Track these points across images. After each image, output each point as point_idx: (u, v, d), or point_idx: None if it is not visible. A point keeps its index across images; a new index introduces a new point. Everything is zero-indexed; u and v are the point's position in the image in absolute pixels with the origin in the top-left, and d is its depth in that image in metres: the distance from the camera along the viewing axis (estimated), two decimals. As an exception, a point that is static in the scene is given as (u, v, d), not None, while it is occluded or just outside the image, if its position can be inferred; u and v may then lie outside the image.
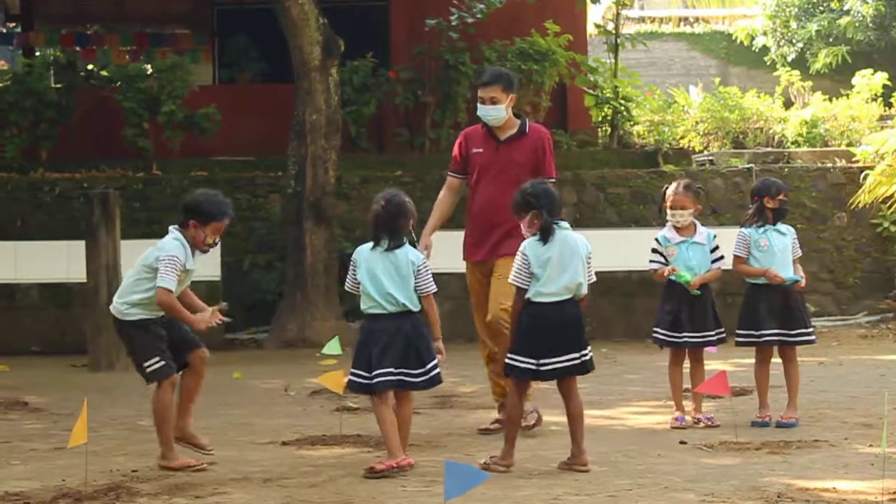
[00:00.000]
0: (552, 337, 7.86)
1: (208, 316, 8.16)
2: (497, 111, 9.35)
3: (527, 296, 7.88)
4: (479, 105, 9.42)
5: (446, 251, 10.90)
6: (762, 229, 9.75)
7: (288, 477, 7.84)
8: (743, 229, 9.83)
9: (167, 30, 23.93)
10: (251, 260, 17.72)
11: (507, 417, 8.09)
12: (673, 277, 9.58)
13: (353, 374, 7.90)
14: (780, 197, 9.80)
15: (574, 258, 7.92)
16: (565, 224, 8.05)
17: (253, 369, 13.89)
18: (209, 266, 16.13)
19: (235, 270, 17.48)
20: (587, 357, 7.97)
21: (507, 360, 7.97)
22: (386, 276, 7.89)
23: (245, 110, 19.37)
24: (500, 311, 8.99)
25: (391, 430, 7.83)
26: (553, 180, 9.01)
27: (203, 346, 8.31)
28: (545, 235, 7.90)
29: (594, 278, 8.09)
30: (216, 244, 8.30)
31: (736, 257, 9.79)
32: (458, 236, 17.12)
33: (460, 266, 10.07)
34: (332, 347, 9.27)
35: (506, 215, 8.67)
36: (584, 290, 7.98)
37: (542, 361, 7.85)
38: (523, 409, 8.34)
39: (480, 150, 9.47)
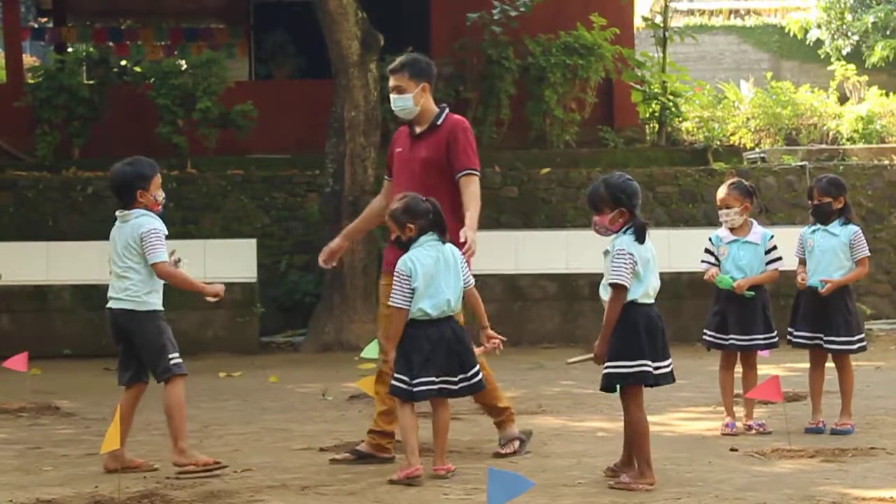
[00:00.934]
0: (661, 340, 7.71)
1: (220, 288, 8.43)
2: (403, 101, 8.70)
3: (633, 297, 7.63)
4: (391, 96, 8.81)
5: (490, 253, 10.88)
6: (813, 229, 9.74)
7: (326, 484, 7.85)
8: (802, 229, 9.89)
9: (202, 24, 24.05)
10: (288, 261, 17.78)
11: (634, 431, 7.76)
12: (715, 282, 9.56)
13: (395, 378, 7.92)
14: (813, 201, 9.73)
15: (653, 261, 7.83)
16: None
17: (289, 373, 13.93)
18: (245, 268, 16.20)
19: (272, 272, 17.53)
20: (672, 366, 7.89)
21: (613, 371, 7.67)
22: (445, 278, 7.92)
23: (282, 107, 19.42)
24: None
25: (409, 437, 7.86)
26: (474, 172, 8.59)
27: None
28: (641, 235, 7.67)
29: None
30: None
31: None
32: (505, 237, 17.21)
33: (504, 268, 10.04)
34: (371, 351, 9.27)
35: None
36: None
37: (657, 365, 7.67)
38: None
39: (400, 149, 8.87)
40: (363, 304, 16.35)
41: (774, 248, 9.75)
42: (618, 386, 7.73)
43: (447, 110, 8.87)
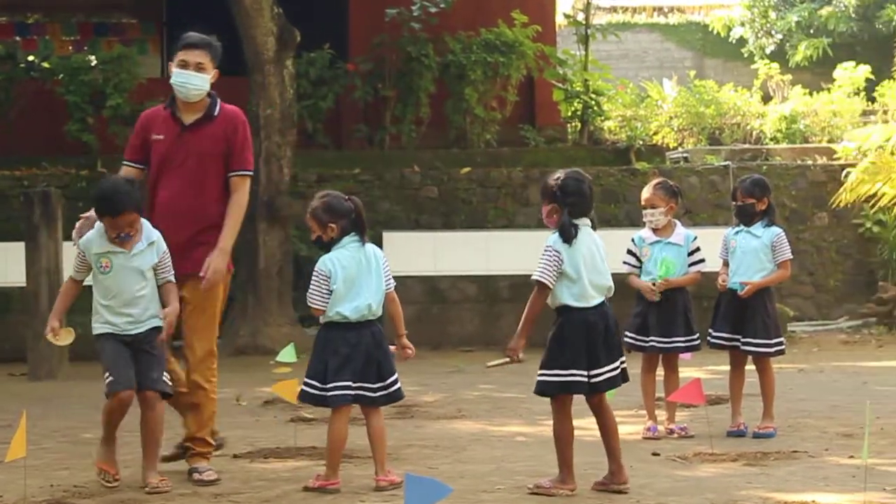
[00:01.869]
0: (602, 345, 7.62)
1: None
2: (201, 80, 8.29)
3: (566, 302, 7.64)
4: (177, 71, 8.27)
5: (409, 254, 10.89)
6: (736, 230, 9.82)
7: (240, 492, 7.81)
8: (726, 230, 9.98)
9: (113, 19, 23.86)
10: (201, 262, 17.65)
11: (557, 437, 7.69)
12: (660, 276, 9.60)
13: (305, 383, 7.87)
14: (736, 201, 9.83)
15: (599, 258, 7.75)
16: (588, 222, 7.78)
17: (203, 378, 13.82)
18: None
19: (185, 273, 17.41)
20: (626, 365, 7.85)
21: (544, 378, 7.65)
22: (366, 281, 7.86)
23: (195, 104, 19.26)
24: (203, 370, 8.17)
25: (335, 448, 7.81)
26: (249, 173, 8.46)
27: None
28: (564, 235, 7.67)
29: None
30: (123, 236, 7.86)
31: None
32: (425, 237, 17.23)
33: (423, 269, 10.04)
34: (287, 355, 9.24)
35: (193, 216, 8.14)
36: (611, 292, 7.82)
37: (596, 372, 7.62)
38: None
39: (161, 136, 8.28)
40: (278, 306, 16.31)
41: (698, 249, 9.82)
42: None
43: (219, 100, 8.49)
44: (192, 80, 8.29)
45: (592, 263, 7.66)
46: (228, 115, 8.43)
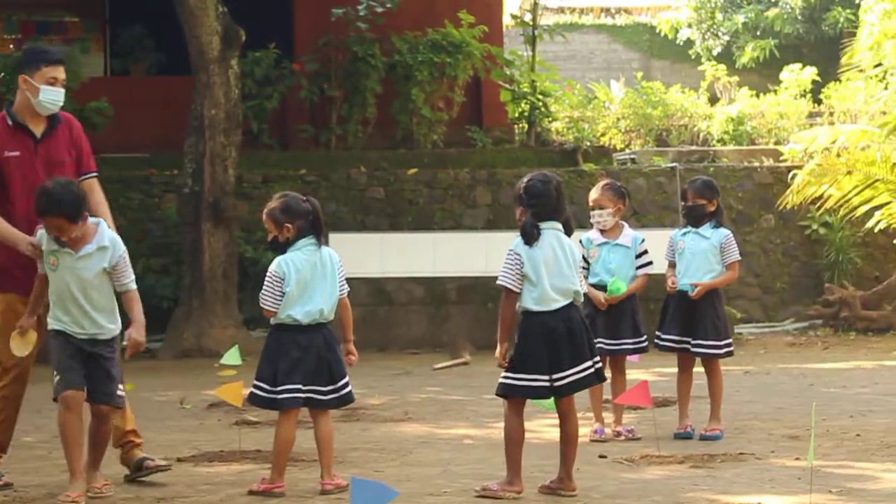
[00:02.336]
0: (567, 348, 7.60)
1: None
2: (61, 95, 8.16)
3: (526, 306, 7.59)
4: (47, 88, 8.06)
5: (355, 256, 10.88)
6: (684, 232, 9.86)
7: (184, 496, 7.78)
8: (672, 231, 9.98)
9: (55, 17, 23.66)
10: (145, 264, 17.57)
11: (506, 438, 7.68)
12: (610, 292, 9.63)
13: (255, 385, 7.85)
14: (687, 202, 9.88)
15: (565, 262, 7.72)
16: (557, 225, 7.73)
17: (146, 381, 13.76)
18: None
19: (128, 275, 17.32)
20: (600, 364, 7.87)
21: (505, 381, 7.60)
22: (319, 284, 7.84)
23: (139, 104, 19.22)
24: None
25: (282, 451, 7.79)
26: (96, 174, 8.38)
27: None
28: (525, 237, 7.61)
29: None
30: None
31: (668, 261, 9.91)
32: (370, 239, 17.22)
33: (370, 271, 10.03)
34: (232, 357, 9.21)
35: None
36: (581, 297, 7.80)
37: (560, 375, 7.59)
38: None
39: (17, 153, 8.10)
40: (223, 308, 16.25)
41: (645, 251, 9.86)
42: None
43: None
44: (61, 96, 8.21)
45: (556, 267, 7.63)
46: (67, 120, 8.35)
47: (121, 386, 7.91)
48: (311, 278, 7.81)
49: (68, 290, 7.73)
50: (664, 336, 9.79)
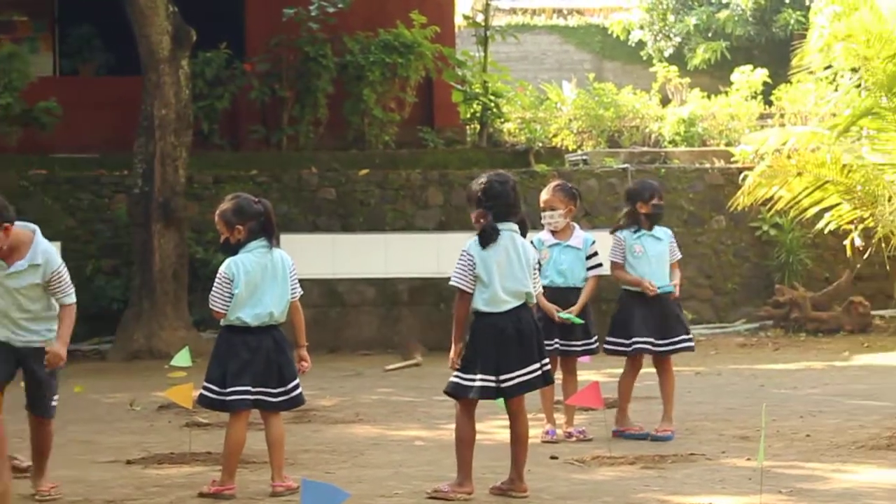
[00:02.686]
0: (515, 349, 7.62)
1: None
2: None
3: (476, 307, 7.60)
4: None
5: (306, 257, 10.85)
6: (637, 234, 9.87)
7: (133, 498, 7.76)
8: (618, 233, 9.91)
9: (3, 16, 23.47)
10: (94, 265, 17.50)
11: (457, 438, 7.71)
12: (563, 316, 9.64)
13: (204, 387, 7.83)
14: (654, 201, 9.92)
15: (518, 264, 7.72)
16: (513, 226, 7.73)
17: (96, 383, 13.72)
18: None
19: (77, 276, 17.13)
20: (548, 367, 7.88)
21: (455, 380, 7.62)
22: (269, 286, 7.82)
23: (88, 104, 19.11)
24: None
25: (232, 453, 7.78)
26: None
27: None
28: (483, 239, 7.61)
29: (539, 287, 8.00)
30: None
31: (613, 263, 9.88)
32: (321, 240, 17.18)
33: (321, 272, 10.02)
34: (182, 359, 9.19)
35: None
36: (533, 299, 7.82)
37: (509, 376, 7.61)
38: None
39: None
40: (173, 310, 16.19)
41: (596, 253, 9.89)
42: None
43: None
44: None
45: (508, 268, 7.64)
46: None
47: (55, 397, 7.87)
48: (262, 280, 7.80)
49: (2, 301, 7.67)
50: (640, 339, 9.78)
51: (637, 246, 9.86)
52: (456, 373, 7.65)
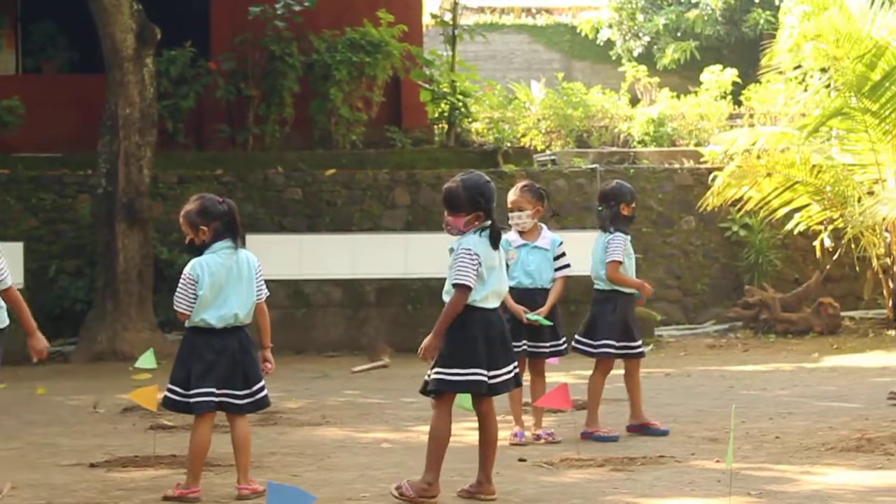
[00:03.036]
0: (499, 346, 7.64)
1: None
2: None
3: (473, 299, 7.54)
4: None
5: (272, 257, 10.83)
6: (628, 236, 10.01)
7: (96, 502, 7.73)
8: (618, 233, 9.91)
9: (-36, 14, 23.40)
10: (58, 266, 17.43)
11: (433, 437, 7.64)
12: (531, 317, 9.65)
13: (168, 389, 7.81)
14: (634, 204, 10.02)
15: (501, 265, 7.77)
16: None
17: (58, 385, 13.67)
18: (10, 273, 15.83)
19: (40, 277, 17.18)
20: (518, 369, 7.87)
21: (446, 377, 7.54)
22: (234, 288, 7.80)
23: (51, 103, 19.03)
24: None
25: (197, 455, 7.76)
26: None
27: None
28: (496, 240, 7.63)
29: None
30: None
31: (615, 262, 9.84)
32: (289, 240, 17.15)
33: (287, 273, 10.01)
34: (146, 361, 9.16)
35: None
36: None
37: (494, 373, 7.61)
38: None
39: None
40: (138, 311, 16.14)
41: (563, 254, 9.90)
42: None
43: None
44: None
45: (499, 269, 7.70)
46: None
47: None
48: (227, 282, 7.79)
49: None
50: (619, 344, 9.86)
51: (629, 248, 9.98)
52: (439, 368, 7.60)
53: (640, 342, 10.03)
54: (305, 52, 19.00)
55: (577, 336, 9.96)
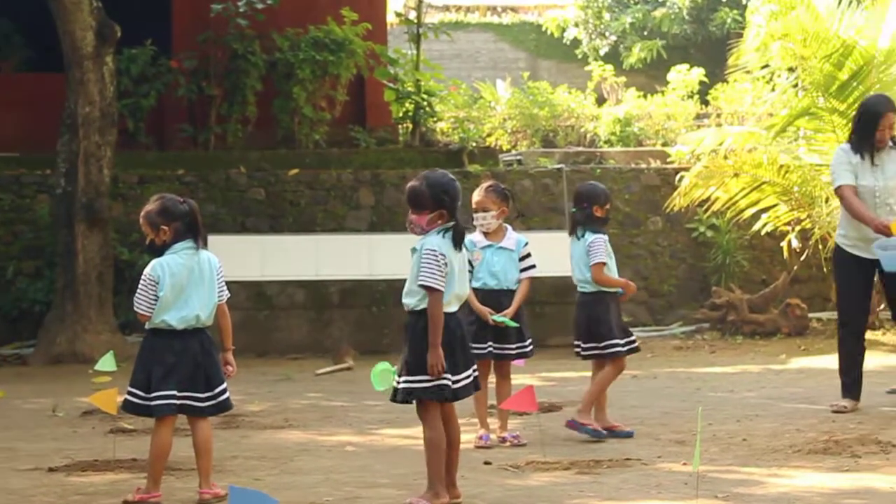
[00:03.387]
0: (460, 351, 7.63)
1: None
2: None
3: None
4: None
5: (235, 258, 10.81)
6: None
7: (55, 507, 7.70)
8: (598, 235, 9.94)
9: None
10: (16, 267, 17.35)
11: (428, 446, 7.54)
12: (497, 319, 9.65)
13: (129, 392, 7.79)
14: (608, 206, 10.07)
15: (463, 267, 7.74)
16: None
17: (16, 388, 13.60)
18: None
19: (-2, 278, 17.13)
20: (477, 373, 7.84)
21: (412, 385, 7.54)
22: (195, 289, 7.77)
23: (9, 102, 18.96)
24: None
25: (158, 459, 7.74)
26: None
27: None
28: (459, 241, 7.61)
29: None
30: None
31: (600, 263, 9.86)
32: (251, 241, 17.12)
33: (249, 274, 9.98)
34: (106, 363, 9.13)
35: None
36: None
37: (456, 378, 7.57)
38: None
39: None
40: (98, 313, 16.08)
41: (529, 255, 9.91)
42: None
43: None
44: None
45: (461, 272, 7.68)
46: None
47: None
48: (188, 283, 7.78)
49: None
50: (623, 342, 10.04)
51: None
52: (404, 377, 7.55)
53: (634, 337, 10.21)
54: (268, 51, 18.97)
55: (578, 342, 9.99)
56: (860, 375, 11.06)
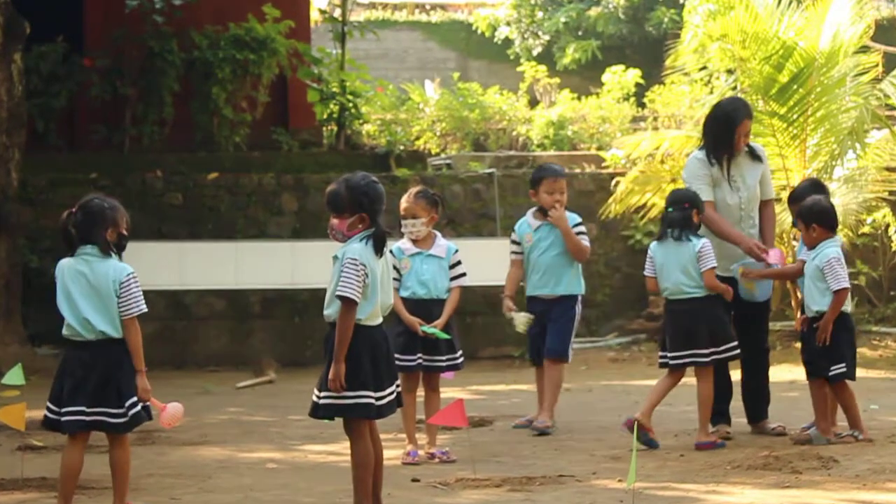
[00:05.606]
0: (384, 365, 7.59)
1: None
2: None
3: (359, 317, 7.45)
4: None
5: (151, 266, 10.74)
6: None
7: (-41, 528, 7.62)
8: (706, 240, 10.19)
9: None
10: (-81, 275, 17.18)
11: (357, 464, 7.56)
12: (427, 330, 9.64)
13: (47, 406, 7.69)
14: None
15: (388, 276, 7.73)
16: None
17: (-80, 403, 13.43)
18: None
19: None
20: (399, 389, 7.81)
21: (332, 402, 7.49)
22: (82, 295, 7.65)
23: (-88, 101, 18.76)
24: None
25: (67, 478, 7.65)
26: None
27: None
28: (380, 246, 7.54)
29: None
30: None
31: (713, 269, 10.11)
32: (167, 248, 17.03)
33: (166, 282, 9.92)
34: (14, 377, 9.03)
35: None
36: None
37: (380, 395, 7.54)
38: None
39: None
40: (6, 324, 15.96)
41: (459, 262, 9.92)
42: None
43: None
44: None
45: (386, 281, 7.64)
46: None
47: None
48: (73, 289, 7.61)
49: None
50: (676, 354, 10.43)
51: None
52: (325, 393, 7.51)
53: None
54: (186, 49, 18.88)
55: (695, 350, 10.35)
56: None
